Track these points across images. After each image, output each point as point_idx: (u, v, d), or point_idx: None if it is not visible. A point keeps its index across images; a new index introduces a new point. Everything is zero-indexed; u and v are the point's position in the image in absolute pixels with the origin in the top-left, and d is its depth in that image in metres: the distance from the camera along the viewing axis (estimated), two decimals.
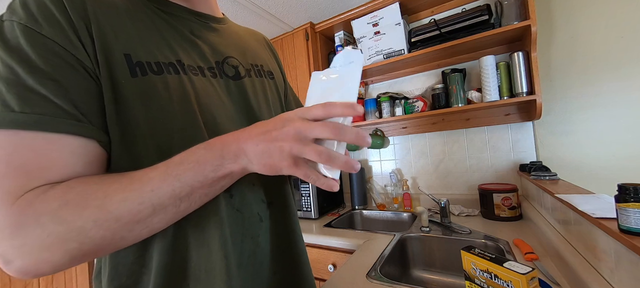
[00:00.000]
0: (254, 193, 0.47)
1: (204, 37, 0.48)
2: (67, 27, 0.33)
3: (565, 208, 0.77)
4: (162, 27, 0.43)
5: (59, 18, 0.33)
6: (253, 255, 0.46)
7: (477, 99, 1.31)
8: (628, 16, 1.15)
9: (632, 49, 1.14)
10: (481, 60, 1.28)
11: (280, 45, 1.83)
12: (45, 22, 0.33)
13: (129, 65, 0.37)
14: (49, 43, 0.32)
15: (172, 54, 0.42)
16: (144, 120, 0.37)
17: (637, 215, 0.49)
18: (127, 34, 0.38)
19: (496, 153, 1.43)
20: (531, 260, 0.84)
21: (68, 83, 0.32)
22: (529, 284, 0.54)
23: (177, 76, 0.40)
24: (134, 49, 0.38)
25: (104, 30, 0.36)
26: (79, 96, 0.33)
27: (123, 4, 0.40)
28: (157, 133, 0.38)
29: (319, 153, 0.34)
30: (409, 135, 1.68)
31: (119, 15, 0.39)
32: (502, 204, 1.22)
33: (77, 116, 0.33)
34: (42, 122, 0.30)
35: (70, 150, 0.32)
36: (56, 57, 0.32)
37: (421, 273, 1.13)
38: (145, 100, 0.37)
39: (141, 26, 0.40)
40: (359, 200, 1.71)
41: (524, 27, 1.14)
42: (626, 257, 0.51)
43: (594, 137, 1.22)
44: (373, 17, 1.50)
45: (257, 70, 0.55)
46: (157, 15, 0.43)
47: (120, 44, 0.37)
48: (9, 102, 0.30)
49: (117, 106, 0.36)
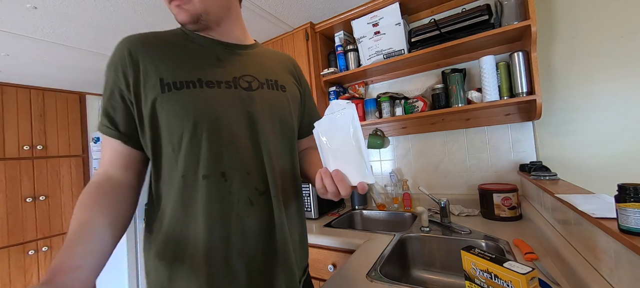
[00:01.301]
0: (248, 182, 0.57)
1: (226, 60, 0.62)
2: (119, 69, 0.54)
3: (565, 208, 0.77)
4: (194, 54, 0.59)
5: (118, 62, 0.55)
6: (242, 233, 0.56)
7: (477, 99, 1.31)
8: (628, 16, 1.15)
9: (632, 49, 1.14)
10: (481, 60, 1.28)
11: (281, 45, 1.83)
12: (112, 71, 0.55)
13: (161, 85, 0.54)
14: (113, 85, 0.55)
15: (196, 74, 0.57)
16: (165, 123, 0.54)
17: (637, 215, 0.49)
18: (164, 64, 0.56)
19: (496, 153, 1.43)
20: (531, 260, 0.84)
21: (116, 109, 0.55)
22: (529, 284, 0.54)
23: (193, 90, 0.55)
24: (167, 74, 0.55)
25: (148, 67, 0.55)
26: (121, 116, 0.55)
27: (170, 39, 0.60)
28: (172, 132, 0.54)
29: None
30: (409, 135, 1.68)
31: (162, 50, 0.57)
32: (502, 204, 1.22)
33: (119, 127, 0.55)
34: (104, 131, 0.56)
35: (110, 146, 0.56)
36: (112, 93, 0.55)
37: (421, 273, 1.13)
38: (167, 108, 0.53)
39: (177, 56, 0.58)
40: (359, 200, 1.71)
41: (524, 27, 1.14)
42: (626, 257, 0.51)
43: (594, 137, 1.22)
44: (373, 17, 1.49)
45: (271, 84, 0.66)
46: (191, 46, 0.60)
47: (158, 72, 0.55)
48: (102, 119, 0.56)
49: (153, 114, 0.54)
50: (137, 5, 1.38)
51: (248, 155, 0.58)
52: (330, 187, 0.53)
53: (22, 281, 2.19)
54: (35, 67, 2.00)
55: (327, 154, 0.56)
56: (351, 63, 1.67)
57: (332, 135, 0.55)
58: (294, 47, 1.75)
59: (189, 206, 0.54)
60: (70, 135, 2.54)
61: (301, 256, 0.68)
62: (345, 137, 0.52)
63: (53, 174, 2.42)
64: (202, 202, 0.54)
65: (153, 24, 1.55)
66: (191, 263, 0.53)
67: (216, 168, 0.55)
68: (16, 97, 2.27)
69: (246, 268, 0.56)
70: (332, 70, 1.68)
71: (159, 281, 0.55)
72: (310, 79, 1.69)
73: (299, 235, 0.68)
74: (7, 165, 2.19)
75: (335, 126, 0.54)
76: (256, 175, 0.58)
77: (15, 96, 2.26)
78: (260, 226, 0.58)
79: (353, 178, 0.53)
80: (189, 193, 0.54)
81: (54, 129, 2.45)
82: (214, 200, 0.54)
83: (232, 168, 0.56)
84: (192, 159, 0.54)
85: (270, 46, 1.87)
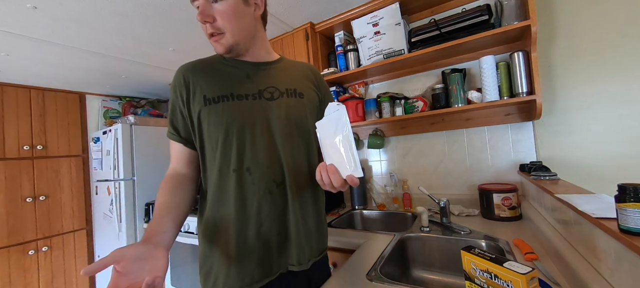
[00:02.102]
0: (267, 174, 0.71)
1: (254, 76, 0.76)
2: (178, 91, 0.73)
3: (565, 208, 0.77)
4: (229, 74, 0.75)
5: (178, 90, 0.73)
6: (260, 214, 0.71)
7: (477, 99, 1.31)
8: (628, 16, 1.15)
9: (632, 49, 1.14)
10: (481, 60, 1.28)
11: (281, 45, 1.83)
12: (173, 92, 0.74)
13: (204, 100, 0.70)
14: (173, 102, 0.74)
15: (229, 89, 0.72)
16: (206, 129, 0.71)
17: (637, 215, 0.49)
18: (207, 84, 0.72)
19: (496, 153, 1.43)
20: (531, 260, 0.84)
21: (177, 120, 0.74)
22: (529, 284, 0.54)
23: (226, 103, 0.70)
24: (208, 91, 0.71)
25: (196, 88, 0.72)
26: (181, 125, 0.74)
27: (212, 64, 0.76)
28: (211, 136, 0.70)
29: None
30: (409, 135, 1.68)
31: (206, 73, 0.73)
32: (502, 204, 1.22)
33: (180, 133, 0.74)
34: (171, 138, 0.76)
35: (176, 149, 0.76)
36: (174, 107, 0.74)
37: (421, 273, 1.13)
38: (208, 118, 0.70)
39: (216, 76, 0.74)
40: (359, 200, 1.71)
41: (524, 27, 1.14)
42: (626, 257, 0.51)
43: (594, 137, 1.22)
44: (373, 17, 1.49)
45: (290, 92, 0.78)
46: (227, 69, 0.75)
47: (203, 91, 0.71)
48: (169, 127, 0.76)
49: (199, 123, 0.71)
50: (137, 5, 1.38)
51: (267, 153, 0.72)
52: (326, 179, 0.64)
53: (22, 281, 2.19)
54: (35, 67, 2.00)
55: (326, 150, 0.66)
56: (351, 63, 1.67)
57: (327, 134, 0.65)
58: (294, 47, 1.75)
59: (223, 193, 0.70)
60: (70, 135, 2.55)
61: (317, 241, 0.80)
62: (336, 135, 0.61)
63: (53, 174, 2.42)
64: (232, 191, 0.69)
65: (153, 24, 1.55)
66: (222, 238, 0.70)
67: (242, 164, 0.70)
68: (16, 97, 2.27)
69: (263, 245, 0.71)
70: (332, 70, 1.68)
71: (203, 252, 0.73)
72: None
73: (316, 222, 0.79)
74: (7, 165, 2.19)
75: (330, 125, 0.64)
76: (274, 170, 0.72)
77: (15, 96, 2.26)
78: (277, 211, 0.72)
79: (344, 172, 0.61)
80: (223, 183, 0.70)
81: (54, 129, 2.45)
82: (240, 189, 0.70)
83: (254, 164, 0.70)
84: (225, 157, 0.69)
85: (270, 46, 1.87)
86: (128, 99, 2.91)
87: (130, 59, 2.00)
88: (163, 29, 1.62)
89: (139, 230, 2.30)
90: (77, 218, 2.53)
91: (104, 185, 2.43)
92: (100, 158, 2.45)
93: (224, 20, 0.68)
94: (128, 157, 2.29)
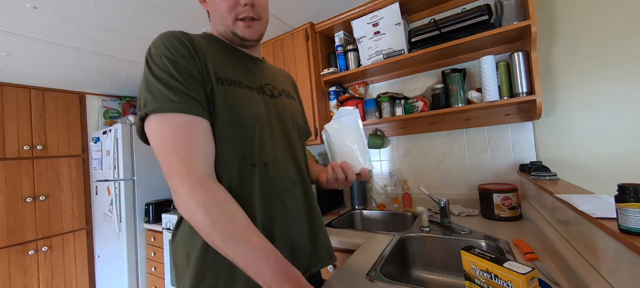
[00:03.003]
0: (284, 171, 0.68)
1: (253, 70, 0.72)
2: (191, 59, 0.58)
3: (565, 208, 0.77)
4: (232, 62, 0.68)
5: (187, 54, 0.58)
6: (283, 211, 0.65)
7: (477, 99, 1.31)
8: (628, 16, 1.15)
9: (632, 49, 1.14)
10: (481, 60, 1.28)
11: (281, 45, 1.83)
12: (180, 56, 0.58)
13: (216, 78, 0.61)
14: (185, 66, 0.57)
15: (236, 76, 0.65)
16: (221, 110, 0.60)
17: (637, 215, 0.49)
18: (216, 63, 0.63)
19: (496, 153, 1.43)
20: (531, 260, 0.84)
21: (195, 87, 0.57)
22: (529, 284, 0.54)
23: (239, 88, 0.64)
24: (218, 71, 0.62)
25: (208, 61, 0.61)
26: (199, 95, 0.57)
27: (208, 45, 0.65)
28: (227, 119, 0.60)
29: None
30: (409, 135, 1.68)
31: (212, 52, 0.64)
32: (502, 204, 1.22)
33: (203, 105, 0.57)
34: (190, 105, 0.55)
35: (203, 129, 0.56)
36: (188, 74, 0.57)
37: (421, 273, 1.13)
38: (221, 97, 0.60)
39: (220, 58, 0.65)
40: (359, 200, 1.71)
41: (524, 27, 1.14)
42: (626, 257, 0.51)
43: (594, 137, 1.22)
44: (373, 17, 1.49)
45: (286, 94, 0.79)
46: (226, 54, 0.68)
47: (213, 67, 0.61)
48: (171, 96, 0.53)
49: (210, 100, 0.59)
50: (138, 5, 1.38)
51: (284, 149, 0.70)
52: (341, 175, 0.71)
53: (22, 281, 2.19)
54: (35, 67, 2.00)
55: (335, 150, 0.74)
56: (351, 63, 1.67)
57: (338, 135, 0.73)
58: (294, 47, 1.75)
59: (243, 191, 0.61)
60: (70, 135, 2.55)
61: (329, 242, 0.78)
62: (349, 135, 0.71)
63: (53, 174, 2.42)
64: (256, 187, 0.62)
65: (153, 24, 1.55)
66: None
67: (261, 158, 0.64)
68: (16, 97, 2.27)
69: (290, 247, 0.64)
70: (332, 70, 1.68)
71: (201, 265, 0.63)
72: (310, 78, 1.69)
73: (322, 223, 0.78)
74: (7, 165, 2.19)
75: (343, 127, 0.73)
76: (288, 166, 0.69)
77: (15, 96, 2.26)
78: (297, 210, 0.68)
79: (357, 167, 0.71)
80: (244, 179, 0.61)
81: (54, 129, 2.45)
82: (263, 185, 0.63)
83: (273, 160, 0.66)
84: (247, 149, 0.62)
85: (270, 46, 1.88)
86: (128, 98, 2.91)
87: (130, 58, 2.00)
88: (163, 28, 1.62)
89: (138, 230, 2.30)
90: (77, 218, 2.53)
91: (104, 185, 2.43)
92: (100, 158, 2.45)
93: (260, 7, 0.67)
94: (128, 157, 2.29)
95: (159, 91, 0.53)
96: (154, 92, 0.53)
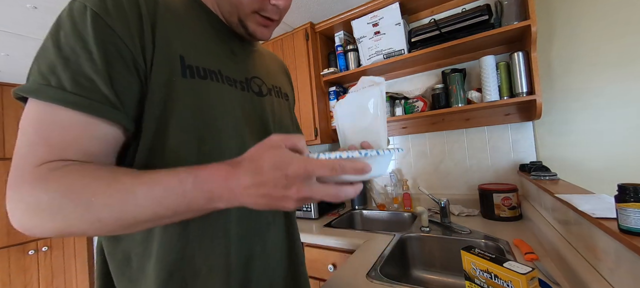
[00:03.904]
0: None
1: (240, 56, 0.55)
2: (133, 24, 0.38)
3: (565, 208, 0.77)
4: (211, 39, 0.50)
5: (128, 13, 0.38)
6: (262, 252, 0.51)
7: (477, 99, 1.31)
8: (628, 16, 1.14)
9: (632, 49, 1.14)
10: (481, 60, 1.28)
11: (281, 45, 1.83)
12: (115, 14, 0.37)
13: (181, 66, 0.42)
14: (112, 34, 0.36)
15: (216, 63, 0.48)
16: (184, 117, 0.42)
17: (637, 215, 0.49)
18: (184, 38, 0.44)
19: (496, 154, 1.43)
20: (531, 260, 0.84)
21: (118, 74, 0.37)
22: (529, 284, 0.54)
23: (217, 83, 0.47)
24: (188, 53, 0.44)
25: (168, 30, 0.42)
26: (122, 87, 0.37)
27: (184, 12, 0.47)
28: (192, 129, 0.43)
29: (329, 196, 0.35)
30: (409, 135, 1.68)
31: (182, 20, 0.45)
32: (502, 204, 1.22)
33: (116, 104, 0.37)
34: (89, 105, 0.35)
35: (100, 134, 0.37)
36: (114, 49, 0.36)
37: (421, 273, 1.13)
38: (187, 98, 0.42)
39: (196, 33, 0.47)
40: (359, 200, 1.71)
41: (524, 27, 1.14)
42: (626, 257, 0.51)
43: (594, 137, 1.22)
44: (373, 17, 1.49)
45: (277, 91, 0.63)
46: (208, 29, 0.50)
47: (178, 46, 0.43)
48: (63, 80, 0.34)
49: (163, 99, 0.40)
50: None
51: None
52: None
53: (22, 281, 2.19)
54: None
55: (355, 132, 0.54)
56: (351, 63, 1.67)
57: (358, 114, 0.53)
58: (294, 47, 1.75)
59: (209, 226, 0.44)
60: None
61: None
62: (371, 112, 0.51)
63: None
64: (227, 221, 0.46)
65: None
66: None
67: None
68: None
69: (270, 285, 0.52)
70: (332, 70, 1.68)
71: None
72: (310, 79, 1.69)
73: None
74: (7, 165, 2.19)
75: (365, 102, 0.52)
76: None
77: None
78: (280, 245, 0.55)
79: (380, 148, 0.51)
80: (213, 212, 0.41)
81: None
82: (239, 219, 0.47)
83: None
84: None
85: (270, 46, 1.87)
86: None
87: None
88: None
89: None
90: None
91: None
92: None
93: (285, 11, 0.54)
94: None
95: (49, 65, 0.34)
96: (42, 64, 0.35)
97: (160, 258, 0.41)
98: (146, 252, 0.42)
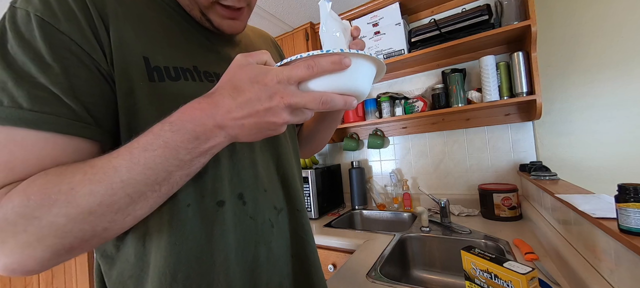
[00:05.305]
0: (266, 200, 0.47)
1: (217, 43, 0.48)
2: (86, 25, 0.33)
3: (565, 208, 0.77)
4: (180, 31, 0.43)
5: (78, 14, 0.33)
6: (267, 260, 0.46)
7: (477, 99, 1.31)
8: (628, 16, 1.15)
9: (632, 49, 1.14)
10: (481, 60, 1.28)
11: (281, 45, 1.82)
12: (64, 17, 0.32)
13: (147, 69, 0.37)
14: (66, 40, 0.32)
15: (190, 59, 0.42)
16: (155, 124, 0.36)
17: (637, 215, 0.49)
18: (147, 36, 0.38)
19: (496, 154, 1.43)
20: (531, 260, 0.84)
21: (80, 83, 0.32)
22: (529, 284, 0.54)
23: (193, 83, 0.41)
24: (153, 52, 0.38)
25: (123, 29, 0.36)
26: (90, 97, 0.33)
27: (142, 4, 0.40)
28: None
29: (315, 101, 0.32)
30: (409, 135, 1.68)
31: (140, 15, 0.39)
32: (502, 204, 1.22)
33: (86, 118, 0.32)
34: (52, 122, 0.30)
35: (68, 153, 0.32)
36: (71, 55, 0.32)
37: (421, 273, 1.13)
38: (159, 106, 0.36)
39: (161, 29, 0.41)
40: (359, 200, 1.71)
41: (524, 27, 1.14)
42: (626, 257, 0.51)
43: (594, 137, 1.22)
44: (373, 17, 1.49)
45: None
46: (175, 19, 0.43)
47: (140, 46, 0.37)
48: (18, 98, 0.29)
49: (130, 110, 0.35)
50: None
51: (263, 168, 0.48)
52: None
53: (22, 281, 2.20)
54: None
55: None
56: None
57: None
58: (294, 47, 1.75)
59: (204, 237, 0.40)
60: None
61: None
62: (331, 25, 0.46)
63: None
64: (223, 231, 0.41)
65: None
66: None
67: (234, 190, 0.43)
68: None
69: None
70: None
71: None
72: None
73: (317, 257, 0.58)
74: None
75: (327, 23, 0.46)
76: (273, 191, 0.49)
77: None
78: (284, 250, 0.49)
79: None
80: (204, 222, 0.40)
81: None
82: (237, 229, 0.43)
83: (251, 188, 0.45)
84: (201, 183, 0.40)
85: None
86: None
87: None
88: None
89: None
90: None
91: None
92: None
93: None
94: None
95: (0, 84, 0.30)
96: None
97: (155, 280, 0.38)
98: (142, 273, 0.38)
